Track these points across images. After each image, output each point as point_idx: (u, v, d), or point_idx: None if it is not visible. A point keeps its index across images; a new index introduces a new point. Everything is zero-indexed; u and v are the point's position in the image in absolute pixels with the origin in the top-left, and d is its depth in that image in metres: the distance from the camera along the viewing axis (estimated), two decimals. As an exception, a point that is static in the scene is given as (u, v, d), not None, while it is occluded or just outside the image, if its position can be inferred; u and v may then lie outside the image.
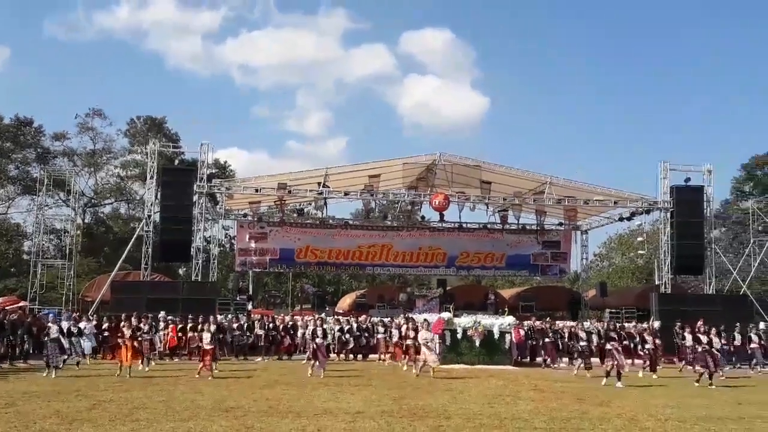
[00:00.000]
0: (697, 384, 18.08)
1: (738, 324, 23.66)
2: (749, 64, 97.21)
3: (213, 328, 18.94)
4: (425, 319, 21.52)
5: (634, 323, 26.88)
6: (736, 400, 15.41)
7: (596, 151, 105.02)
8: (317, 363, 18.75)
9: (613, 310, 32.11)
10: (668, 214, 30.35)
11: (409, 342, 21.31)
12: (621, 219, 34.40)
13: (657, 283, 32.19)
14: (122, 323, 19.24)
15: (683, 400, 15.20)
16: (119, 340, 18.98)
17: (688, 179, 30.08)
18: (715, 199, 35.85)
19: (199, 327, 20.10)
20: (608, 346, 18.24)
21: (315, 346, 19.11)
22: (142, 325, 20.58)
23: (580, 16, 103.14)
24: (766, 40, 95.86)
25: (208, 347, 18.24)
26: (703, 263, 30.26)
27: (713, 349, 19.11)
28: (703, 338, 19.15)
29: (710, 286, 30.75)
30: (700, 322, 19.90)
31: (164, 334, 23.87)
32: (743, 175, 54.13)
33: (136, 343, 18.84)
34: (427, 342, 19.38)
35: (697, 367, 19.63)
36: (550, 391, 16.26)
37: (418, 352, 20.18)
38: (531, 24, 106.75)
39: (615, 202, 31.79)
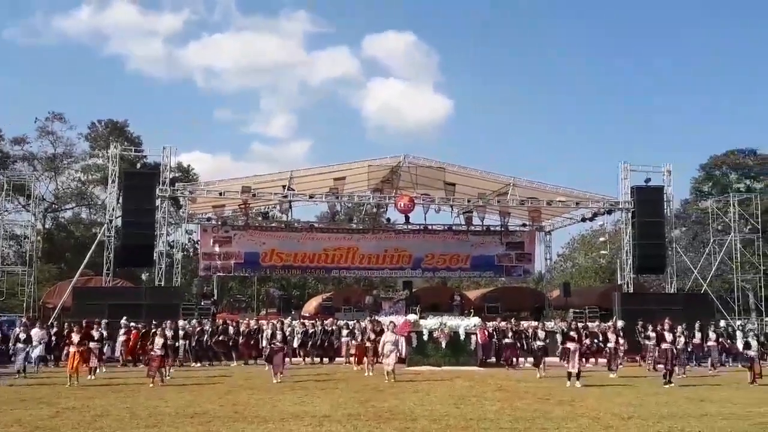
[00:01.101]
0: (664, 382, 18.13)
1: (698, 322, 24.04)
2: (707, 66, 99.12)
3: (169, 333, 18.68)
4: (391, 321, 21.54)
5: (597, 322, 27.22)
6: (698, 397, 15.66)
7: (559, 152, 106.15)
8: (272, 367, 18.54)
9: (576, 310, 32.47)
10: (629, 215, 30.80)
11: (368, 344, 21.23)
12: (583, 219, 34.83)
13: (619, 282, 32.63)
14: (72, 330, 18.88)
15: (646, 398, 15.42)
16: (68, 348, 18.65)
17: (648, 180, 30.57)
18: (675, 199, 36.51)
19: (152, 332, 19.51)
20: (568, 346, 18.31)
21: (271, 349, 18.92)
22: (93, 332, 20.03)
23: (542, 18, 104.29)
24: (725, 42, 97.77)
25: (157, 353, 17.78)
26: (664, 262, 30.76)
27: (676, 348, 19.26)
28: (668, 336, 19.21)
29: (671, 285, 31.28)
30: (666, 320, 20.03)
31: (124, 341, 23.55)
32: (702, 176, 55.11)
33: (85, 351, 18.50)
34: (388, 344, 19.07)
35: (659, 366, 19.96)
36: (515, 392, 16.40)
37: (376, 354, 20.13)
38: (493, 27, 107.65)
39: (577, 203, 32.16)
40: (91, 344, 19.47)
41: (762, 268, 34.87)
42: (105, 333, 21.99)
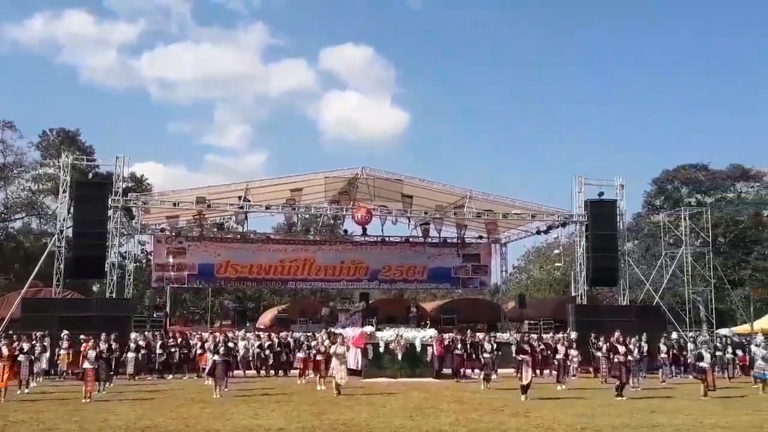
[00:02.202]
0: (615, 394, 17.98)
1: (645, 333, 24.31)
2: (660, 80, 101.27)
3: (103, 346, 18.22)
4: (340, 333, 21.31)
5: (551, 334, 27.45)
6: (650, 408, 15.85)
7: (514, 165, 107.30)
8: (214, 380, 18.08)
9: (531, 322, 32.71)
10: (583, 228, 31.17)
11: (320, 357, 20.82)
12: (539, 232, 35.18)
13: (573, 294, 33.01)
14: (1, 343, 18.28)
15: (598, 409, 15.54)
16: None
17: (601, 193, 30.98)
18: (628, 213, 37.10)
19: (85, 346, 18.70)
20: (519, 358, 18.10)
21: (213, 362, 18.45)
22: (24, 344, 19.31)
23: (499, 32, 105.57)
24: (678, 56, 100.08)
25: (90, 367, 17.18)
26: (617, 275, 31.18)
27: (628, 360, 19.16)
28: (621, 348, 19.08)
29: (624, 297, 31.71)
30: (617, 333, 20.01)
31: (66, 353, 22.94)
32: (654, 190, 56.20)
33: (13, 365, 17.83)
34: (339, 356, 18.54)
35: (611, 378, 20.11)
36: (471, 403, 16.42)
37: (327, 367, 19.64)
38: (450, 41, 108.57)
39: (532, 216, 32.49)
40: (21, 357, 18.77)
41: (712, 281, 35.56)
42: (39, 346, 21.41)
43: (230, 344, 20.69)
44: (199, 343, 24.95)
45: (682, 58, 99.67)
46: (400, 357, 23.10)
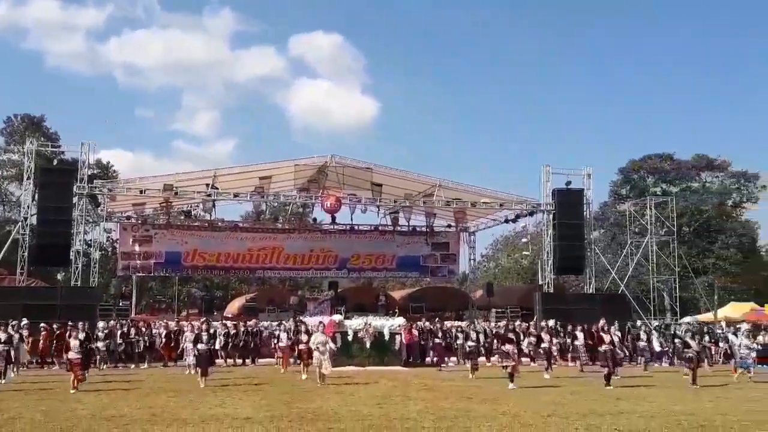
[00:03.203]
0: (605, 384, 17.66)
1: (615, 322, 24.51)
2: (627, 73, 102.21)
3: (82, 336, 17.89)
4: (320, 322, 21.19)
5: (519, 322, 27.68)
6: (616, 395, 16.06)
7: (484, 154, 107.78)
8: (200, 371, 17.82)
9: (498, 310, 32.98)
10: (550, 216, 31.46)
11: (302, 347, 20.48)
12: (506, 221, 35.43)
13: (540, 282, 33.29)
14: None
15: (566, 397, 15.70)
16: None
17: (569, 183, 31.32)
18: (595, 202, 37.48)
19: (67, 334, 18.28)
20: (506, 348, 17.92)
21: (198, 352, 18.28)
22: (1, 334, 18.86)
23: (468, 21, 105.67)
24: (643, 50, 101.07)
25: (75, 357, 16.82)
26: (583, 263, 31.54)
27: (614, 349, 18.85)
28: (606, 338, 18.70)
29: (590, 285, 32.10)
30: (602, 322, 19.58)
31: (26, 342, 22.58)
32: (620, 179, 56.76)
33: None
34: (320, 346, 18.09)
35: (587, 366, 20.16)
36: (439, 391, 16.50)
37: (310, 356, 19.04)
38: (420, 30, 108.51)
39: (501, 205, 32.71)
40: None
41: (677, 270, 36.08)
42: (16, 334, 21.03)
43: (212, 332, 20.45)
44: (164, 332, 24.77)
45: (651, 50, 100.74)
46: (368, 345, 23.13)
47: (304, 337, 20.59)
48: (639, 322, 30.01)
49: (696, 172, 56.98)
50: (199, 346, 18.32)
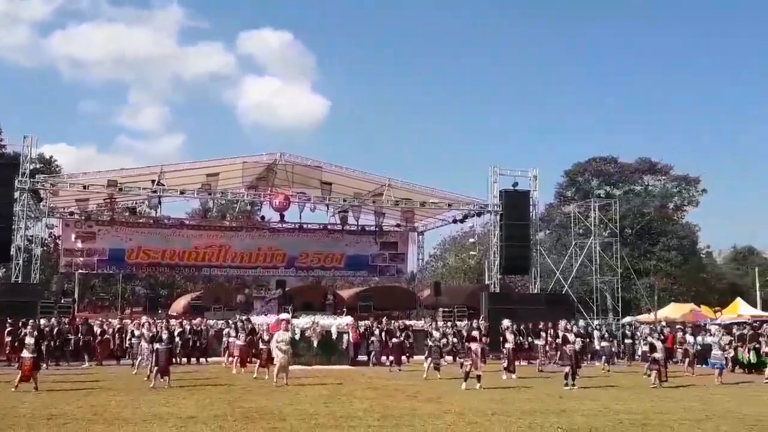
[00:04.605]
0: (565, 384, 17.63)
1: (580, 322, 24.79)
2: (572, 76, 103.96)
3: (36, 334, 17.33)
4: (284, 319, 20.84)
5: (465, 321, 27.92)
6: (558, 393, 16.34)
7: (432, 154, 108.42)
8: (158, 370, 17.20)
9: (446, 309, 33.19)
10: (497, 217, 31.78)
11: (262, 346, 19.80)
12: (455, 221, 35.74)
13: (487, 282, 33.64)
14: None
15: (509, 395, 15.93)
16: None
17: (515, 184, 31.67)
18: (540, 203, 38.03)
19: (20, 333, 18.10)
20: (470, 346, 17.65)
21: (157, 351, 17.46)
22: None
23: (418, 19, 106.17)
24: (590, 55, 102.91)
25: (29, 357, 16.26)
26: (529, 264, 31.96)
27: (577, 349, 18.74)
28: (571, 337, 18.68)
29: (535, 285, 32.56)
30: (563, 322, 19.75)
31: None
32: (566, 181, 57.74)
33: None
34: (282, 344, 17.69)
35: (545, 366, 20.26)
36: (385, 390, 16.57)
37: (270, 356, 18.57)
38: (370, 28, 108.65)
39: (449, 205, 32.94)
40: None
41: (619, 271, 36.82)
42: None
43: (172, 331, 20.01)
44: (100, 330, 24.36)
45: (596, 53, 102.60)
46: (315, 344, 23.08)
47: (265, 336, 20.04)
48: (596, 322, 30.60)
49: (639, 176, 58.33)
50: (158, 345, 17.63)
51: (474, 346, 17.63)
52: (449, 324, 27.68)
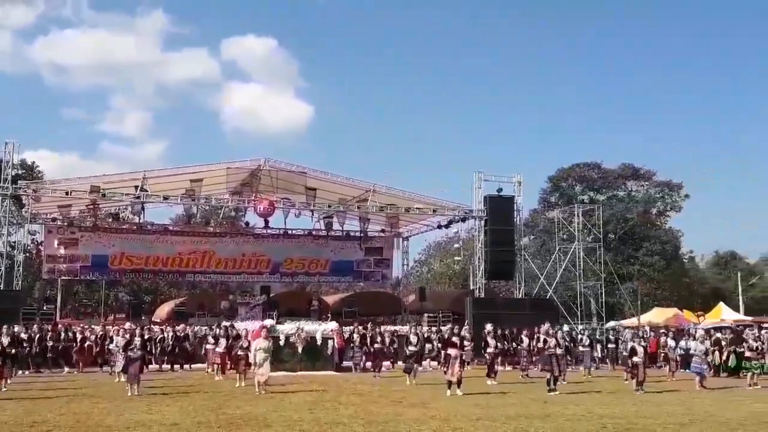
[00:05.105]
0: (548, 389, 17.54)
1: (564, 326, 24.80)
2: (556, 82, 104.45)
3: (5, 340, 17.11)
4: (263, 326, 20.74)
5: (449, 326, 27.90)
6: (543, 399, 16.37)
7: (417, 160, 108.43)
8: (128, 377, 17.04)
9: (431, 314, 33.19)
10: (482, 222, 31.88)
11: (240, 353, 19.47)
12: (439, 226, 35.76)
13: (472, 287, 33.68)
14: None
15: (494, 400, 15.95)
16: None
17: (500, 189, 31.79)
18: (525, 209, 38.10)
19: None
20: (449, 352, 17.55)
21: (128, 359, 17.29)
22: None
23: (400, 25, 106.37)
24: (574, 60, 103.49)
25: None
26: (513, 269, 32.07)
27: (559, 354, 18.67)
28: (552, 342, 18.67)
29: (520, 290, 32.65)
30: (546, 326, 19.72)
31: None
32: (550, 187, 57.98)
33: None
34: (260, 352, 17.40)
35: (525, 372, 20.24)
36: (370, 396, 16.55)
37: (248, 363, 18.39)
38: (354, 34, 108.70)
39: (434, 210, 32.99)
40: None
41: (603, 276, 36.95)
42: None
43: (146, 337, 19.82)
44: (81, 337, 24.20)
45: (580, 60, 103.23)
46: (300, 350, 23.02)
47: (244, 343, 19.79)
48: (580, 327, 30.67)
49: (622, 181, 58.68)
50: (131, 352, 17.40)
51: (452, 352, 17.48)
52: (434, 329, 27.66)
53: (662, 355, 25.86)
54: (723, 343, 24.43)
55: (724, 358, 23.53)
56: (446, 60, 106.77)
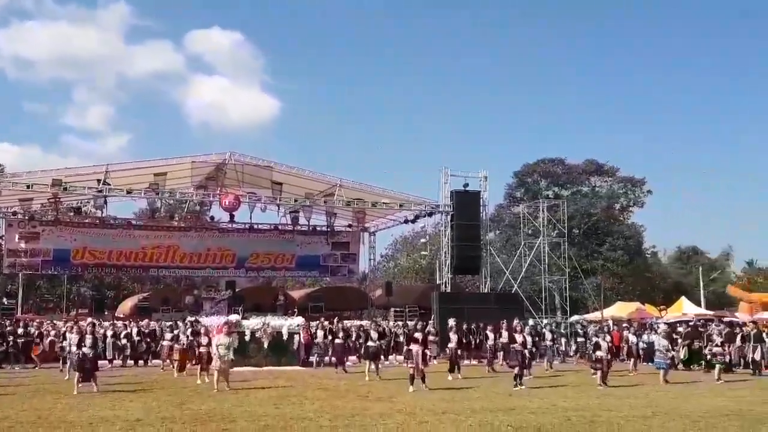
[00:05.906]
0: (515, 384, 17.43)
1: (505, 321, 25.00)
2: (522, 78, 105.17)
3: None
4: (226, 322, 20.51)
5: (415, 321, 28.01)
6: (507, 392, 16.50)
7: (384, 155, 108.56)
8: (79, 376, 16.40)
9: (397, 309, 33.30)
10: (448, 217, 32.00)
11: (202, 349, 19.03)
12: (406, 221, 35.87)
13: (438, 282, 33.82)
14: None
15: (459, 394, 16.03)
16: None
17: (466, 184, 31.90)
18: (491, 204, 38.33)
19: None
20: (411, 348, 17.43)
21: (79, 356, 16.77)
22: None
23: (368, 21, 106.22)
24: (539, 57, 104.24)
25: None
26: (479, 263, 32.23)
27: (526, 349, 18.68)
28: (519, 337, 18.72)
29: (486, 285, 32.85)
30: (515, 321, 19.79)
31: None
32: (515, 182, 58.38)
33: None
34: (221, 348, 17.06)
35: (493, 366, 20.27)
36: (336, 391, 16.54)
37: (210, 360, 18.00)
38: (320, 28, 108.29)
39: (401, 205, 33.04)
40: None
41: (567, 270, 37.31)
42: None
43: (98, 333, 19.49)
44: (36, 332, 23.84)
45: (545, 57, 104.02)
46: (266, 345, 22.92)
47: (203, 339, 19.37)
48: (545, 321, 30.94)
49: (586, 177, 59.25)
50: (84, 349, 16.94)
51: (414, 347, 17.36)
52: (400, 324, 27.73)
53: (624, 348, 26.19)
54: (674, 336, 24.41)
55: (678, 351, 23.75)
56: (413, 56, 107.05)
